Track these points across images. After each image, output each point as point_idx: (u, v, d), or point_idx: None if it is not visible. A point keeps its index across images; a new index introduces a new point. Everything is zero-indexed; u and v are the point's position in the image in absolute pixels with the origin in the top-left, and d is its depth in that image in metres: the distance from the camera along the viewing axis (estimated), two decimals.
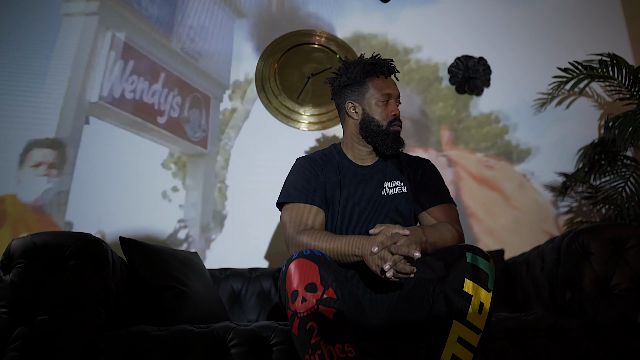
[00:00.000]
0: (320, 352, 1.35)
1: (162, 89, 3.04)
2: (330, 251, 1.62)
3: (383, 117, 1.89)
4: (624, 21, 3.41)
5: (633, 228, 1.90)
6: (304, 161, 1.95)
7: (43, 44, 3.04)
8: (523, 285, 2.38)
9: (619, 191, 2.78)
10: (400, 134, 1.92)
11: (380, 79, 1.92)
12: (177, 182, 2.92)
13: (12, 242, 1.66)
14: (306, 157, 1.98)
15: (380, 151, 1.93)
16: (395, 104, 1.93)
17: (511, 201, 3.07)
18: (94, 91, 2.97)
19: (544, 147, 3.16)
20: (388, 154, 1.92)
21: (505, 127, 3.17)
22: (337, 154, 1.98)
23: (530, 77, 3.23)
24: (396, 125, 1.89)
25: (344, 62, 1.97)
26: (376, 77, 1.91)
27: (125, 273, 1.94)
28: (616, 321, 1.79)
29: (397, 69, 1.96)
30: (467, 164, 3.10)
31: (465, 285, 1.45)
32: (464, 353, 1.42)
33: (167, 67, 3.07)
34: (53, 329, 1.60)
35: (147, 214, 2.83)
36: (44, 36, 3.05)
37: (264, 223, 2.86)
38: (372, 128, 1.89)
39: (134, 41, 3.07)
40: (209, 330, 1.70)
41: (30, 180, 2.82)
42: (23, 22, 3.06)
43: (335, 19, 3.19)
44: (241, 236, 2.85)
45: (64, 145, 2.88)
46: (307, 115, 3.00)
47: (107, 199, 2.84)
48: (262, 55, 3.06)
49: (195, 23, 3.16)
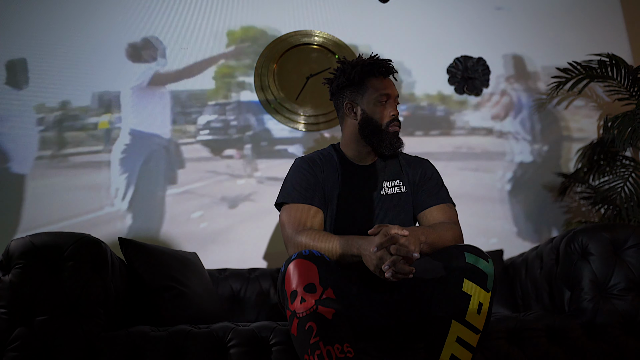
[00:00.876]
0: (320, 353, 1.35)
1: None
2: (329, 251, 1.62)
3: (382, 117, 1.89)
4: (623, 21, 3.42)
5: (632, 228, 1.90)
6: (302, 161, 1.94)
7: None
8: (522, 285, 2.39)
9: (618, 191, 2.79)
10: (398, 134, 1.92)
11: (379, 79, 1.91)
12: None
13: (11, 242, 1.67)
14: (305, 157, 1.97)
15: (379, 151, 1.93)
16: (394, 104, 1.93)
17: (510, 201, 3.07)
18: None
19: (543, 147, 3.16)
20: (387, 154, 1.92)
21: (504, 127, 3.18)
22: (336, 154, 1.98)
23: (530, 78, 3.24)
24: (395, 125, 1.89)
25: (342, 63, 1.96)
26: (374, 78, 1.91)
27: (125, 273, 1.95)
28: (615, 321, 1.80)
29: (395, 69, 1.95)
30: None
31: (464, 285, 1.45)
32: (463, 353, 1.43)
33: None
34: (52, 329, 1.60)
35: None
36: None
37: (263, 223, 2.86)
38: (371, 128, 1.89)
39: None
40: (208, 331, 1.70)
41: None
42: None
43: (333, 18, 3.19)
44: (240, 236, 2.85)
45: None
46: (306, 115, 2.99)
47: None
48: (261, 56, 3.06)
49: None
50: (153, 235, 2.76)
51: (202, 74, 3.03)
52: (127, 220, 2.77)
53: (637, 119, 2.57)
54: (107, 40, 2.94)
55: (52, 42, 2.89)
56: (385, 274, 1.47)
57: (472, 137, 3.17)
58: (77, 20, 2.94)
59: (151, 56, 2.99)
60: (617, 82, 2.88)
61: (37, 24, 2.89)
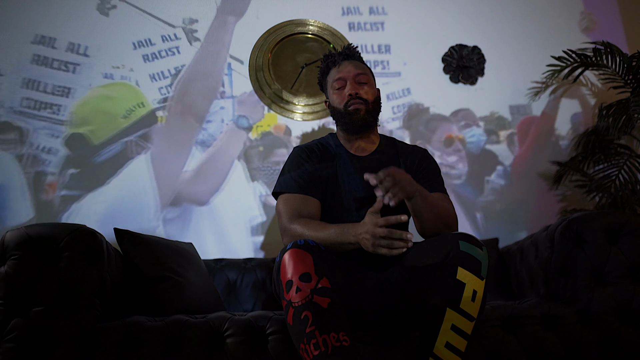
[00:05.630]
0: (315, 341, 1.36)
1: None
2: (325, 240, 1.62)
3: (340, 102, 1.93)
4: (618, 10, 3.42)
5: (626, 216, 1.91)
6: (301, 150, 1.95)
7: None
8: (517, 273, 2.40)
9: (613, 179, 2.80)
10: (362, 111, 1.90)
11: (336, 67, 1.98)
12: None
13: (6, 234, 1.67)
14: (303, 146, 1.98)
15: (350, 133, 1.94)
16: (354, 83, 1.93)
17: (505, 189, 3.08)
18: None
19: (538, 135, 3.16)
20: (352, 134, 1.94)
21: (500, 115, 3.18)
22: (334, 144, 1.98)
23: (525, 66, 3.23)
24: (354, 103, 1.90)
25: (319, 66, 2.09)
26: (333, 68, 1.99)
27: (120, 264, 1.95)
28: (610, 308, 1.81)
29: (356, 51, 2.01)
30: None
31: (458, 273, 1.45)
32: (458, 340, 1.44)
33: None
34: (49, 320, 1.61)
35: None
36: None
37: (261, 213, 2.86)
38: (336, 116, 1.96)
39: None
40: (205, 321, 1.71)
41: None
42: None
43: (327, 8, 3.17)
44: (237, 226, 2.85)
45: None
46: (301, 105, 2.99)
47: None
48: (255, 45, 3.04)
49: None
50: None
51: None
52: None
53: (632, 107, 2.57)
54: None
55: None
56: (388, 202, 1.54)
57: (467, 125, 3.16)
58: None
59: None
60: (612, 70, 2.87)
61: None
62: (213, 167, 2.88)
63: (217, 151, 2.92)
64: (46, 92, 2.83)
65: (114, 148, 2.82)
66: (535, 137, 3.17)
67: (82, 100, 2.85)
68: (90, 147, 2.80)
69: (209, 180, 2.86)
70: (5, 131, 2.75)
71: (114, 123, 2.85)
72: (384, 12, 3.22)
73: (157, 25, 3.00)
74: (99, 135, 2.83)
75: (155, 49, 2.98)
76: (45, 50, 2.88)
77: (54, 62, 2.88)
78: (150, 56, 2.96)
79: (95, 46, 2.93)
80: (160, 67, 2.96)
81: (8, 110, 2.77)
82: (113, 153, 2.81)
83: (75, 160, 2.77)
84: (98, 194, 2.75)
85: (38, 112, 2.80)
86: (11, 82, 2.81)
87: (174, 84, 2.95)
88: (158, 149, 2.86)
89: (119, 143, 2.83)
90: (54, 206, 2.70)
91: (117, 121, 2.86)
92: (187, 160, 2.87)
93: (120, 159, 2.81)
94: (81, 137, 2.80)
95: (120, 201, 2.76)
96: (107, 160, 2.80)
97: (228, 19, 3.08)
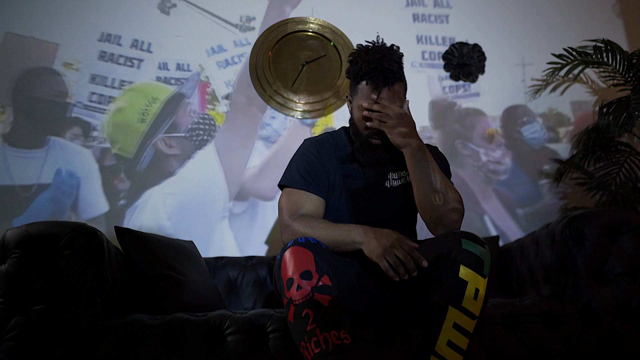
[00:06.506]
0: (316, 339, 1.36)
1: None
2: (325, 239, 1.62)
3: (362, 127, 1.80)
4: (618, 7, 3.41)
5: (627, 213, 1.91)
6: (310, 144, 1.88)
7: None
8: (518, 271, 2.40)
9: (613, 177, 2.79)
10: (377, 146, 1.80)
11: (370, 86, 1.76)
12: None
13: (7, 232, 1.66)
14: (313, 138, 1.92)
15: (359, 157, 1.84)
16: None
17: (505, 187, 3.08)
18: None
19: (538, 133, 3.16)
20: (362, 160, 1.83)
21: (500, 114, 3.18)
22: (346, 139, 1.93)
23: (525, 64, 3.23)
24: (376, 138, 1.79)
25: (354, 52, 1.83)
26: (369, 83, 1.76)
27: (121, 262, 1.94)
28: (610, 306, 1.81)
29: (394, 79, 1.76)
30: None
31: (460, 271, 1.45)
32: (460, 339, 1.43)
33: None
34: (49, 318, 1.60)
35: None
36: None
37: (260, 211, 2.86)
38: (353, 131, 1.85)
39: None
40: (206, 319, 1.71)
41: None
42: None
43: (327, 5, 3.17)
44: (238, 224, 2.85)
45: None
46: (301, 103, 2.98)
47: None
48: (256, 43, 3.04)
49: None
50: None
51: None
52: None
53: (632, 104, 2.57)
54: None
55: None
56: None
57: (468, 122, 3.16)
58: None
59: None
60: (612, 67, 2.87)
61: None
62: (277, 164, 2.93)
63: (280, 147, 2.97)
64: (113, 87, 2.91)
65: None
66: (535, 135, 3.17)
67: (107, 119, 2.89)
68: (125, 160, 2.86)
69: (274, 176, 2.88)
70: (77, 125, 2.84)
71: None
72: (385, 9, 3.22)
73: (221, 26, 3.09)
74: (127, 150, 2.87)
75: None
76: (111, 47, 2.95)
77: (120, 58, 2.96)
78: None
79: (158, 43, 3.00)
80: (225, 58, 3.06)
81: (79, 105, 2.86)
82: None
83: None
84: (167, 185, 2.85)
85: (106, 106, 2.90)
86: (81, 77, 2.90)
87: (235, 78, 3.04)
88: (222, 142, 2.95)
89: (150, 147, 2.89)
90: (126, 198, 2.80)
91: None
92: (251, 155, 2.95)
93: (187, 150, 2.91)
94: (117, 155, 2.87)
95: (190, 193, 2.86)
96: (171, 156, 2.89)
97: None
